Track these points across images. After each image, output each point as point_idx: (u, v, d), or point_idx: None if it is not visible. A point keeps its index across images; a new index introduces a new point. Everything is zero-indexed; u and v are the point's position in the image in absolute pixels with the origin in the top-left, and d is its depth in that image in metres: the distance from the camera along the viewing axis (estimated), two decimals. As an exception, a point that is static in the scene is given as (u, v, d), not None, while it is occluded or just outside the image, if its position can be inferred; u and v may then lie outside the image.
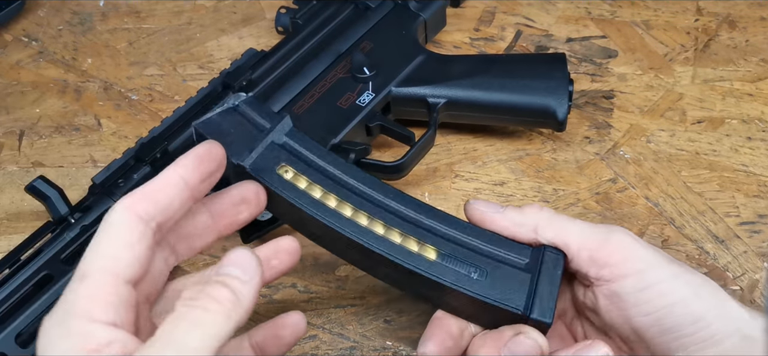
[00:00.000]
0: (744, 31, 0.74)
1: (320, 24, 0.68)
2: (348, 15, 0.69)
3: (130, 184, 0.58)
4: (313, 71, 0.65)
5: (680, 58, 0.72)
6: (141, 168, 0.59)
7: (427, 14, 0.70)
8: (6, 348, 0.50)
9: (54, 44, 0.73)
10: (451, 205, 0.63)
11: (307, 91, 0.64)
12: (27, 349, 0.51)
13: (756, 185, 0.63)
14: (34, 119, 0.68)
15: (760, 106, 0.69)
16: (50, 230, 0.56)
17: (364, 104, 0.63)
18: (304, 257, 0.60)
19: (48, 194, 0.55)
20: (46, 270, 0.53)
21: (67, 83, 0.70)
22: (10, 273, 0.53)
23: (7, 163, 0.65)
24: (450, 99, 0.64)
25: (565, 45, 0.73)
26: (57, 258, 0.53)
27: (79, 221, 0.56)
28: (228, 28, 0.74)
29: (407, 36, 0.67)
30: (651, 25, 0.75)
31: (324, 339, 0.56)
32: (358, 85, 0.64)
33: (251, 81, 0.64)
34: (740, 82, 0.71)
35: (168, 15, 0.75)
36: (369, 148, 0.61)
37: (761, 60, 0.72)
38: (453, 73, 0.64)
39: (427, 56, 0.66)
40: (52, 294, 0.52)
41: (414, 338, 0.56)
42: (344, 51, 0.66)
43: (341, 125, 0.62)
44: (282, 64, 0.65)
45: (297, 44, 0.67)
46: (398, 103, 0.65)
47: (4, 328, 0.51)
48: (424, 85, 0.64)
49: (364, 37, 0.67)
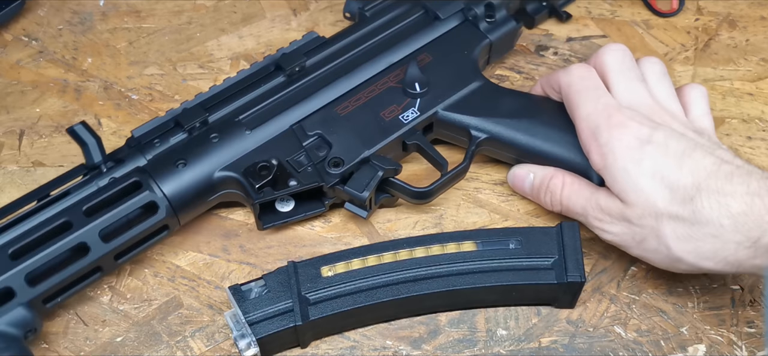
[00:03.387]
0: (744, 30, 0.74)
1: (386, 23, 0.67)
2: (415, 21, 0.67)
3: (166, 146, 0.59)
4: (365, 73, 0.64)
5: (680, 57, 0.72)
6: (178, 134, 0.60)
7: (494, 36, 0.67)
8: (15, 285, 0.52)
9: (54, 44, 0.73)
10: (451, 204, 0.63)
11: (355, 93, 0.63)
12: (35, 288, 0.53)
13: (756, 185, 0.64)
14: (34, 119, 0.68)
15: (760, 105, 0.69)
16: (82, 174, 0.57)
17: (406, 121, 0.61)
18: (303, 257, 0.60)
19: (86, 140, 0.57)
20: (66, 217, 0.54)
21: (68, 83, 0.70)
22: (36, 208, 0.55)
23: (7, 162, 0.65)
24: (492, 136, 0.61)
25: (565, 44, 0.73)
26: (79, 208, 0.55)
27: (110, 171, 0.57)
28: (228, 28, 0.74)
29: (467, 57, 0.65)
30: (651, 24, 0.75)
31: (324, 338, 0.56)
32: (406, 100, 0.62)
33: (304, 68, 0.64)
34: (740, 81, 0.71)
35: (168, 15, 0.75)
36: (400, 168, 0.60)
37: (761, 59, 0.72)
38: (502, 109, 0.62)
39: (482, 84, 0.64)
40: (68, 242, 0.54)
41: (414, 338, 0.57)
42: (401, 59, 0.65)
43: (379, 138, 0.60)
44: (338, 57, 0.64)
45: (358, 40, 0.66)
46: (441, 126, 0.63)
47: (17, 265, 0.53)
48: (470, 115, 0.62)
49: (425, 48, 0.65)
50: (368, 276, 0.55)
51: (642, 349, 0.56)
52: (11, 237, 0.54)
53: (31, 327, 0.53)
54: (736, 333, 0.57)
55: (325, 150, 0.60)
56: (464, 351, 0.56)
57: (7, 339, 0.51)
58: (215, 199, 0.60)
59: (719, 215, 0.50)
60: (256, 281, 0.54)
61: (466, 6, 0.67)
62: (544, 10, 0.73)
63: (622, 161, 0.53)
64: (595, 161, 0.56)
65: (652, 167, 0.53)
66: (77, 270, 0.54)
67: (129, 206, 0.55)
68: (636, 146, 0.53)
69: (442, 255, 0.55)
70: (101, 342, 0.56)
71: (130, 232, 0.55)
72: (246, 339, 0.53)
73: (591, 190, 0.57)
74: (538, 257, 0.55)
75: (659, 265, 0.55)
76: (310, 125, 0.61)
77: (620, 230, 0.55)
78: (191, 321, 0.57)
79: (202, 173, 0.58)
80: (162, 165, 0.58)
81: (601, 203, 0.55)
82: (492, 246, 0.56)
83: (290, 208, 0.60)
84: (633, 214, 0.53)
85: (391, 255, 0.55)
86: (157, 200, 0.56)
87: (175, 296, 0.58)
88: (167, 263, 0.60)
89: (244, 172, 0.58)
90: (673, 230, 0.52)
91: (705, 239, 0.51)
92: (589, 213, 0.56)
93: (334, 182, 0.59)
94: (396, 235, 0.61)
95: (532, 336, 0.57)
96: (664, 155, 0.53)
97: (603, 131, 0.55)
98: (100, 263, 0.55)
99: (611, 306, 0.58)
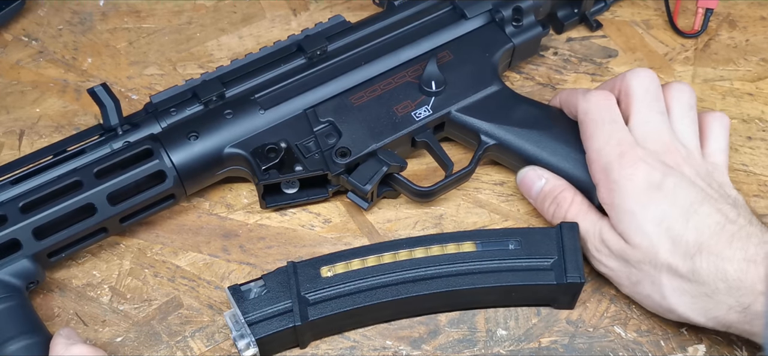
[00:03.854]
0: (744, 30, 0.74)
1: (412, 16, 0.66)
2: (441, 16, 0.66)
3: (181, 116, 0.60)
4: (384, 64, 0.64)
5: (680, 57, 0.72)
6: (194, 105, 0.60)
7: (518, 40, 0.66)
8: (22, 237, 0.54)
9: (54, 44, 0.73)
10: (451, 204, 0.63)
11: (371, 84, 0.63)
12: (41, 241, 0.54)
13: (756, 185, 0.64)
14: (34, 119, 0.68)
15: (760, 106, 0.69)
16: (98, 134, 0.59)
17: (418, 118, 0.61)
18: (303, 257, 0.60)
19: (105, 102, 0.58)
20: (77, 177, 0.56)
21: (67, 83, 0.70)
22: (52, 162, 0.57)
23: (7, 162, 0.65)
24: (501, 142, 0.61)
25: (565, 44, 0.73)
26: (91, 169, 0.56)
27: (125, 134, 0.58)
28: (228, 28, 0.74)
29: (488, 60, 0.64)
30: (651, 24, 0.75)
31: (324, 338, 0.56)
32: (420, 97, 0.62)
33: (326, 53, 0.64)
34: (740, 81, 0.70)
35: (168, 15, 0.75)
36: (405, 166, 0.60)
37: (761, 60, 0.72)
38: (515, 117, 0.62)
39: (498, 89, 0.63)
40: (76, 201, 0.55)
41: (414, 338, 0.57)
42: (422, 54, 0.64)
43: (389, 132, 0.61)
44: (359, 45, 0.64)
45: (382, 30, 0.65)
46: (452, 126, 0.63)
47: (26, 218, 0.54)
48: (482, 120, 0.61)
49: (447, 46, 0.65)
50: (368, 276, 0.55)
51: (642, 349, 0.56)
52: (24, 190, 0.55)
53: (34, 279, 0.54)
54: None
55: (335, 138, 0.60)
56: (464, 351, 0.56)
57: (9, 288, 0.53)
58: (223, 174, 0.61)
59: (715, 278, 0.51)
60: (255, 281, 0.54)
61: (494, 7, 0.66)
62: (574, 17, 0.72)
63: (629, 203, 0.53)
64: (602, 196, 0.55)
65: (659, 215, 0.52)
66: (83, 229, 0.56)
67: (138, 173, 0.56)
68: (644, 189, 0.53)
69: (441, 256, 0.55)
70: (101, 342, 0.56)
71: (136, 198, 0.57)
72: (245, 339, 0.53)
73: (597, 217, 0.56)
74: (537, 257, 0.55)
75: (649, 308, 0.55)
76: (323, 112, 0.61)
77: (617, 267, 0.55)
78: (191, 321, 0.57)
79: (212, 148, 0.59)
80: (175, 135, 0.59)
81: (604, 235, 0.55)
82: (491, 247, 0.56)
83: (294, 191, 0.61)
84: (633, 256, 0.53)
85: (390, 256, 0.55)
86: (165, 169, 0.57)
87: (175, 296, 0.58)
88: (167, 263, 0.60)
89: (252, 152, 0.59)
90: (670, 282, 0.52)
91: (700, 297, 0.51)
92: (590, 240, 0.56)
93: (339, 171, 0.59)
94: (396, 235, 0.61)
95: (532, 336, 0.57)
96: (671, 205, 0.53)
97: (614, 169, 0.54)
98: (105, 224, 0.56)
99: (611, 306, 0.58)
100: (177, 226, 0.61)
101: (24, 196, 0.55)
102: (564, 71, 0.71)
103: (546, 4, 0.69)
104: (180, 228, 0.61)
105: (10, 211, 0.54)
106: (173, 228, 0.61)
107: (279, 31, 0.74)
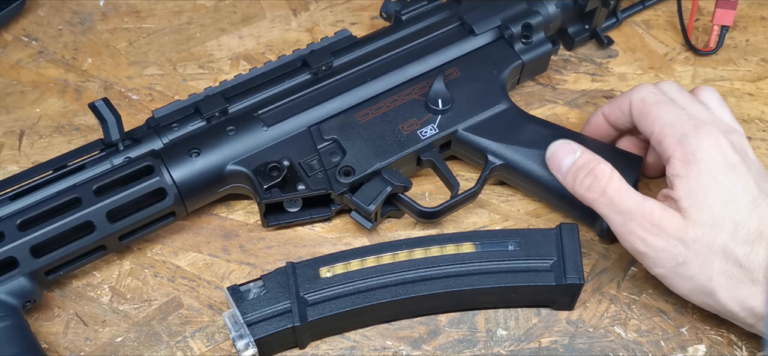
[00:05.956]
0: (744, 31, 0.74)
1: (420, 31, 0.65)
2: (449, 32, 0.65)
3: (183, 132, 0.59)
4: (391, 81, 0.63)
5: (680, 57, 0.72)
6: (196, 121, 0.60)
7: (526, 58, 0.65)
8: (19, 255, 0.53)
9: (54, 44, 0.73)
10: (451, 205, 0.63)
11: (377, 100, 0.62)
12: (38, 259, 0.54)
13: (756, 185, 0.63)
14: (35, 119, 0.68)
15: (760, 106, 0.69)
16: (99, 149, 0.58)
17: (424, 137, 0.60)
18: (303, 257, 0.60)
19: (106, 117, 0.57)
20: (76, 193, 0.55)
21: (68, 83, 0.70)
22: (51, 178, 0.56)
23: (8, 163, 0.65)
24: (509, 163, 0.60)
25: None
26: (90, 186, 0.55)
27: (126, 150, 0.58)
28: (228, 28, 0.74)
29: (497, 77, 0.63)
30: (651, 24, 0.75)
31: (324, 338, 0.56)
32: (426, 115, 0.61)
33: (331, 68, 0.63)
34: (740, 82, 0.70)
35: (168, 15, 0.75)
36: (409, 186, 0.59)
37: (761, 60, 0.72)
38: (523, 137, 0.60)
39: (507, 108, 0.62)
40: (75, 219, 0.54)
41: (414, 338, 0.57)
42: (429, 71, 0.63)
43: (394, 151, 0.59)
44: (366, 61, 0.63)
45: (389, 45, 0.64)
46: (459, 144, 0.62)
47: (24, 236, 0.53)
48: (490, 139, 0.60)
49: (455, 62, 0.64)
50: (367, 277, 0.55)
51: (642, 349, 0.56)
52: (22, 206, 0.55)
53: (31, 297, 0.54)
54: (736, 333, 0.56)
55: (339, 157, 0.59)
56: (464, 351, 0.56)
57: (5, 307, 0.52)
58: (224, 191, 0.60)
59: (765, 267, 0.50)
60: (254, 281, 0.54)
61: (503, 23, 0.65)
62: (585, 33, 0.71)
63: (705, 177, 0.52)
64: (676, 168, 0.53)
65: (730, 195, 0.51)
66: (82, 247, 0.55)
67: (138, 190, 0.56)
68: (722, 163, 0.52)
69: (441, 256, 0.55)
70: (101, 342, 0.56)
71: (136, 215, 0.56)
72: (244, 339, 0.53)
73: (641, 197, 0.53)
74: (537, 258, 0.55)
75: (682, 292, 0.54)
76: (328, 129, 0.60)
77: (663, 246, 0.52)
78: (191, 321, 0.57)
79: (214, 165, 0.58)
80: (176, 151, 0.58)
81: (656, 214, 0.52)
82: (491, 248, 0.56)
83: (297, 209, 0.60)
84: (690, 234, 0.51)
85: (390, 256, 0.55)
86: (166, 187, 0.57)
87: (175, 296, 0.58)
88: (167, 263, 0.60)
89: (255, 170, 0.58)
90: (721, 265, 0.51)
91: (745, 284, 0.51)
92: (635, 219, 0.53)
93: (342, 190, 0.58)
94: (395, 236, 0.61)
95: (532, 336, 0.57)
96: (743, 190, 0.52)
97: (691, 138, 0.52)
98: (104, 242, 0.56)
99: (611, 307, 0.58)
100: (177, 226, 0.61)
101: (22, 212, 0.54)
102: (564, 71, 0.71)
103: (556, 21, 0.68)
104: (180, 228, 0.61)
105: (8, 228, 0.53)
106: (173, 228, 0.61)
107: (279, 32, 0.74)
